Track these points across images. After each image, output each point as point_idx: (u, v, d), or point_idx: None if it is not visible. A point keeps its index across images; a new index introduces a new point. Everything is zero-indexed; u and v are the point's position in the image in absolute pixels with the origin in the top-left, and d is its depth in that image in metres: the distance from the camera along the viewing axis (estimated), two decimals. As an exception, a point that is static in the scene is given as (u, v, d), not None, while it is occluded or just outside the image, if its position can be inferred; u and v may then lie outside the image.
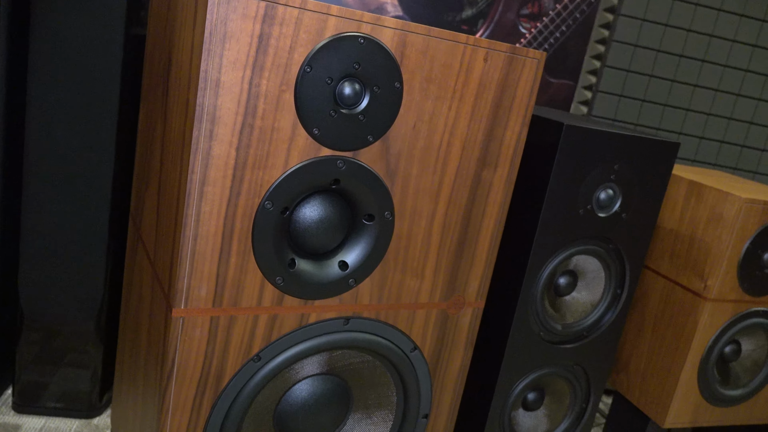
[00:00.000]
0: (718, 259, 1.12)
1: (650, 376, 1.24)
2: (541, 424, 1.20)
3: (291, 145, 0.78)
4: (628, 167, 1.05)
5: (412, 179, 0.88)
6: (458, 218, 0.94)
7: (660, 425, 1.22)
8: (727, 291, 1.15)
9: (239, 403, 0.86)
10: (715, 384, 1.22)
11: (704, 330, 1.16)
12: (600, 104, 1.83)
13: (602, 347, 1.16)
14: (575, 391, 1.19)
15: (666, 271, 1.22)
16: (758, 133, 1.96)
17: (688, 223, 1.18)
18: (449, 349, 1.01)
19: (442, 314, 0.98)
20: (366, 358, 0.96)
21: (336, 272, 0.88)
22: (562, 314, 1.13)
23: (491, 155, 0.93)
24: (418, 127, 0.86)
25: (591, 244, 1.09)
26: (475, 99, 0.89)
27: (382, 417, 1.01)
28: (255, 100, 0.75)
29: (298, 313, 0.87)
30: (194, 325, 0.80)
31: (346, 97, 0.79)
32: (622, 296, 1.14)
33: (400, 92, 0.83)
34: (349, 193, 0.85)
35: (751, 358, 1.25)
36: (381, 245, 0.89)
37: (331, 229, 0.86)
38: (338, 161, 0.82)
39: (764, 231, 1.13)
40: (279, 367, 0.87)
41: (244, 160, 0.76)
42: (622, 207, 1.07)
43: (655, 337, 1.23)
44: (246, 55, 0.73)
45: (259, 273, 0.82)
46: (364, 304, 0.91)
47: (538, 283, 1.07)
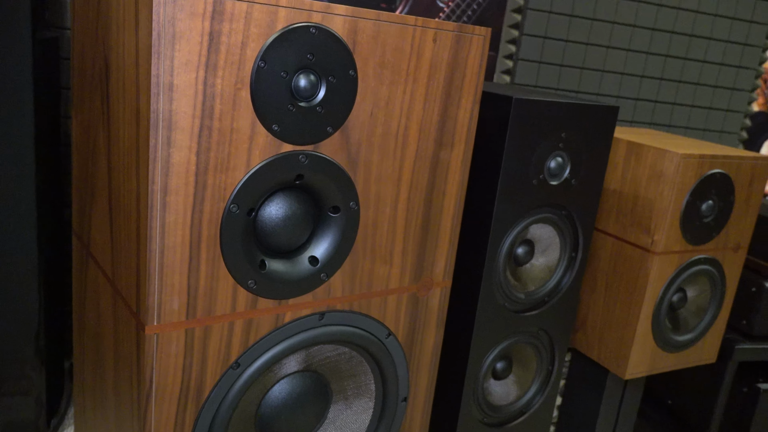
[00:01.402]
0: (661, 214, 1.18)
1: (607, 332, 1.30)
2: (512, 390, 1.23)
3: (251, 144, 0.76)
4: (574, 134, 1.08)
5: (373, 167, 0.87)
6: (420, 201, 0.94)
7: (621, 377, 1.28)
8: (672, 243, 1.21)
9: (222, 413, 0.84)
10: (667, 332, 1.29)
11: (654, 282, 1.21)
12: (521, 72, 1.87)
13: (563, 310, 1.20)
14: (541, 356, 1.22)
15: (614, 230, 1.27)
16: (686, 90, 2.05)
17: (630, 183, 1.23)
18: (422, 330, 1.02)
19: (413, 297, 0.99)
20: (342, 350, 0.96)
21: (307, 268, 0.86)
22: (524, 283, 1.16)
23: (447, 135, 0.93)
24: (376, 113, 0.85)
25: (546, 212, 1.12)
26: (428, 80, 0.88)
27: (362, 406, 1.01)
28: (211, 101, 0.72)
29: (273, 314, 0.85)
30: (169, 341, 0.77)
31: (303, 90, 0.77)
32: (577, 259, 1.18)
33: (355, 80, 0.81)
34: (314, 187, 0.84)
35: (696, 304, 1.33)
36: (349, 236, 0.88)
37: (298, 225, 0.85)
38: (300, 156, 0.80)
39: (701, 183, 1.19)
40: (259, 371, 0.86)
41: (205, 164, 0.73)
42: (571, 173, 1.10)
43: (609, 294, 1.29)
44: (198, 55, 0.70)
45: (230, 279, 0.79)
46: (337, 296, 0.90)
47: (499, 256, 1.09)
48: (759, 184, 1.28)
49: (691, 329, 1.33)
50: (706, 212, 1.22)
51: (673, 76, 2.01)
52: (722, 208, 1.24)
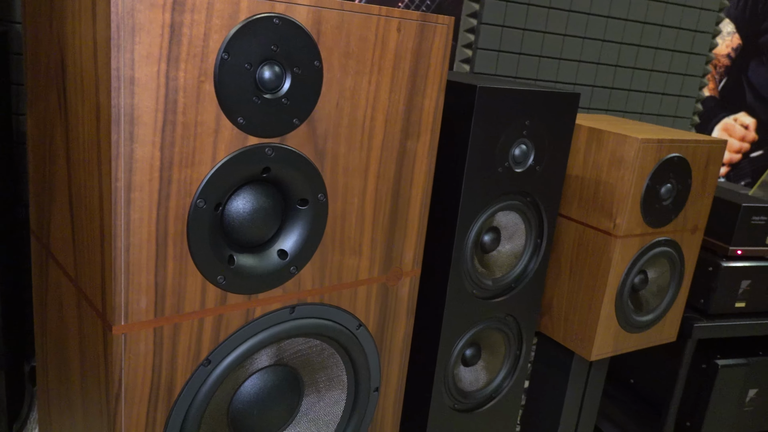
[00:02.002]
0: (622, 198, 1.20)
1: (572, 315, 1.32)
2: (481, 376, 1.25)
3: (217, 137, 0.75)
4: (537, 122, 1.09)
5: (340, 158, 0.87)
6: (388, 191, 0.94)
7: (587, 358, 1.31)
8: (633, 226, 1.23)
9: (194, 411, 0.83)
10: (630, 313, 1.32)
11: (617, 265, 1.24)
12: (480, 61, 1.88)
13: (529, 295, 1.22)
14: (509, 341, 1.24)
15: (577, 215, 1.29)
16: (640, 76, 2.09)
17: (592, 168, 1.25)
18: (392, 320, 1.02)
19: (383, 288, 0.99)
20: (314, 343, 0.95)
21: (276, 262, 0.85)
22: (491, 270, 1.17)
23: (413, 125, 0.93)
24: (341, 104, 0.84)
25: (511, 199, 1.13)
26: (393, 70, 0.88)
27: (334, 397, 1.01)
28: (174, 95, 0.70)
29: (243, 309, 0.84)
30: (138, 340, 0.76)
31: (268, 82, 0.76)
32: (542, 245, 1.20)
33: (320, 71, 0.81)
34: (281, 180, 0.83)
35: (657, 284, 1.37)
36: (317, 228, 0.88)
37: (267, 218, 0.84)
38: (266, 149, 0.79)
39: (660, 167, 1.22)
40: (230, 367, 0.85)
41: (170, 159, 0.72)
42: (535, 160, 1.12)
43: (573, 278, 1.31)
44: (159, 48, 0.68)
45: (199, 275, 0.78)
46: (308, 289, 0.90)
47: (467, 244, 1.10)
48: (714, 166, 1.31)
49: (653, 310, 1.37)
50: (665, 195, 1.25)
51: (628, 62, 2.05)
52: (680, 190, 1.28)
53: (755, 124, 2.44)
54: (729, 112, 2.38)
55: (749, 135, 2.46)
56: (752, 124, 2.44)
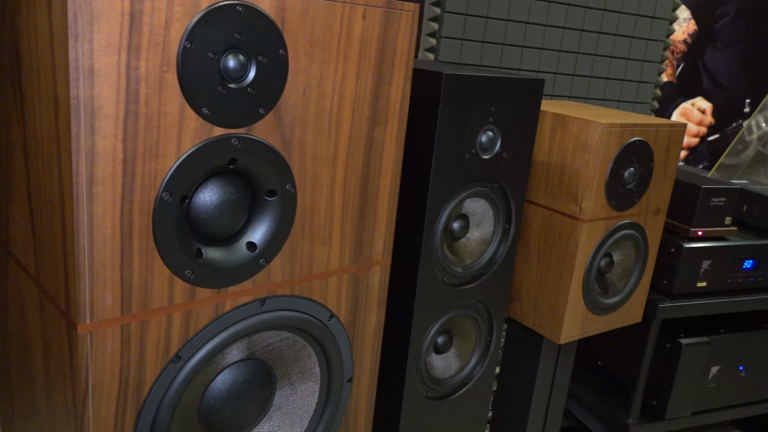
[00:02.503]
0: (588, 182, 1.22)
1: (541, 299, 1.34)
2: (453, 363, 1.25)
3: (181, 129, 0.73)
4: (503, 108, 1.10)
5: (308, 148, 0.86)
6: (357, 181, 0.93)
7: (556, 342, 1.33)
8: (598, 210, 1.25)
9: (164, 408, 0.81)
10: (597, 296, 1.34)
11: (583, 249, 1.26)
12: (444, 49, 1.88)
13: (499, 281, 1.23)
14: (479, 327, 1.25)
15: (543, 200, 1.30)
16: (601, 63, 2.11)
17: (557, 154, 1.27)
18: (364, 310, 1.02)
19: (353, 278, 0.98)
20: (285, 336, 0.94)
21: (245, 255, 0.84)
22: (461, 257, 1.18)
23: (380, 113, 0.93)
24: (308, 93, 0.83)
25: (479, 186, 1.13)
26: (359, 58, 0.87)
27: (307, 390, 1.00)
28: (136, 85, 0.68)
29: (212, 303, 0.82)
30: (104, 339, 0.74)
31: (232, 71, 0.75)
32: (511, 230, 1.21)
33: (285, 59, 0.79)
34: (248, 171, 0.82)
35: (622, 267, 1.39)
36: (286, 219, 0.87)
37: (234, 211, 0.82)
38: (232, 139, 0.77)
39: (623, 151, 1.24)
40: (200, 363, 0.83)
41: (133, 152, 0.70)
42: (502, 147, 1.12)
43: (541, 262, 1.32)
44: (119, 37, 0.66)
45: (166, 270, 0.76)
46: (278, 281, 0.89)
47: (436, 232, 1.10)
48: (675, 149, 1.34)
49: (619, 292, 1.39)
50: (629, 179, 1.27)
51: (589, 50, 2.08)
52: (643, 174, 1.30)
53: (711, 108, 2.50)
54: (686, 97, 2.44)
55: (706, 119, 2.51)
56: (709, 108, 2.50)
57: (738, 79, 2.50)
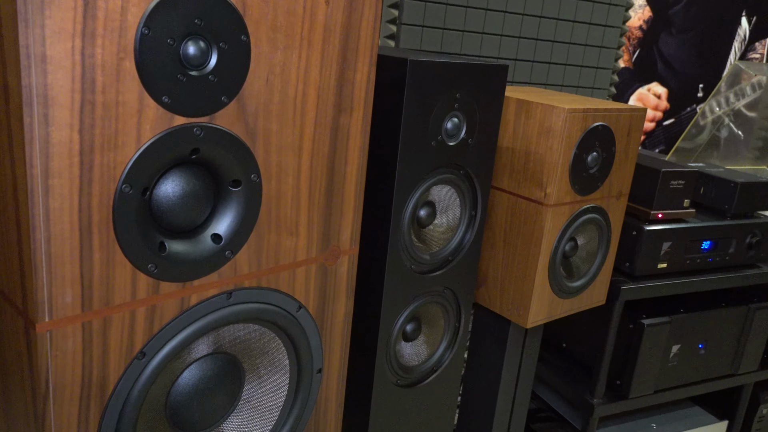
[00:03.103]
0: (552, 167, 1.23)
1: (508, 285, 1.35)
2: (422, 350, 1.25)
3: (140, 118, 0.70)
4: (468, 94, 1.09)
5: (273, 136, 0.84)
6: (323, 169, 0.92)
7: (523, 326, 1.34)
8: (562, 195, 1.26)
9: (129, 407, 0.79)
10: (562, 279, 1.35)
11: (549, 234, 1.27)
12: (405, 36, 1.87)
13: (466, 267, 1.23)
14: (448, 314, 1.25)
15: (508, 186, 1.31)
16: (559, 49, 2.13)
17: (521, 139, 1.27)
18: (332, 300, 1.01)
19: (321, 268, 0.97)
20: (253, 328, 0.93)
21: (210, 247, 0.82)
22: (428, 244, 1.17)
23: (346, 100, 0.91)
24: (272, 80, 0.81)
25: (445, 173, 1.13)
26: (323, 44, 0.86)
27: (276, 382, 0.99)
28: (92, 73, 0.65)
29: (177, 298, 0.80)
30: (65, 337, 0.71)
31: (193, 58, 0.72)
32: (477, 217, 1.21)
33: (247, 46, 0.77)
34: (211, 161, 0.79)
35: (586, 250, 1.41)
36: (252, 210, 0.85)
37: (198, 202, 0.80)
38: (194, 128, 0.75)
39: (586, 136, 1.25)
40: (166, 359, 0.81)
41: (90, 142, 0.67)
42: (467, 133, 1.12)
43: (508, 248, 1.33)
44: (72, 22, 0.63)
45: (128, 264, 0.74)
46: (244, 273, 0.87)
47: (403, 220, 1.09)
48: (636, 134, 1.36)
49: (583, 275, 1.41)
50: (591, 163, 1.29)
51: (548, 36, 2.09)
52: (605, 158, 1.31)
53: (666, 93, 2.55)
54: (643, 83, 2.47)
55: (662, 104, 2.56)
56: (664, 93, 2.54)
57: (691, 64, 2.55)
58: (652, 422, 1.85)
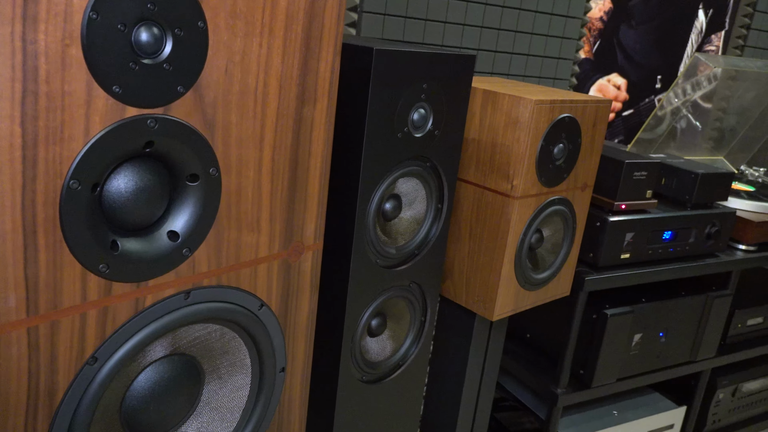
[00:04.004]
0: (519, 159, 1.21)
1: (474, 277, 1.33)
2: (388, 346, 1.23)
3: (89, 109, 0.66)
4: (435, 85, 1.07)
5: (232, 128, 0.80)
6: (286, 162, 0.88)
7: (489, 319, 1.33)
8: (529, 187, 1.25)
9: (81, 414, 0.75)
10: (528, 271, 1.35)
11: (515, 226, 1.26)
12: (366, 25, 1.83)
13: (432, 261, 1.21)
14: (413, 308, 1.23)
15: (475, 178, 1.29)
16: (522, 39, 2.11)
17: (488, 131, 1.25)
18: (296, 297, 0.98)
19: (284, 264, 0.94)
20: (213, 328, 0.89)
21: (166, 244, 0.78)
22: (394, 238, 1.15)
23: (309, 90, 0.88)
24: (231, 69, 0.77)
25: (412, 165, 1.10)
26: (285, 32, 0.82)
27: (238, 382, 0.96)
28: (34, 61, 0.61)
29: (131, 299, 0.76)
30: (8, 344, 0.66)
31: (146, 45, 0.68)
32: (443, 210, 1.19)
33: (205, 33, 0.73)
34: (167, 155, 0.75)
35: (551, 242, 1.40)
36: (211, 206, 0.81)
37: (153, 198, 0.76)
38: (148, 120, 0.71)
39: (553, 127, 1.24)
40: (120, 363, 0.77)
41: (33, 136, 0.62)
42: (434, 125, 1.09)
43: (474, 240, 1.32)
44: (11, 6, 0.58)
45: (77, 265, 0.70)
46: (203, 272, 0.83)
47: (369, 213, 1.06)
48: (601, 125, 1.35)
49: (549, 266, 1.41)
50: (558, 155, 1.28)
51: (510, 26, 2.08)
52: (571, 150, 1.31)
53: (626, 84, 2.57)
54: (603, 73, 2.49)
55: (621, 95, 2.58)
56: (623, 84, 2.56)
57: (650, 55, 2.57)
58: (614, 410, 1.87)
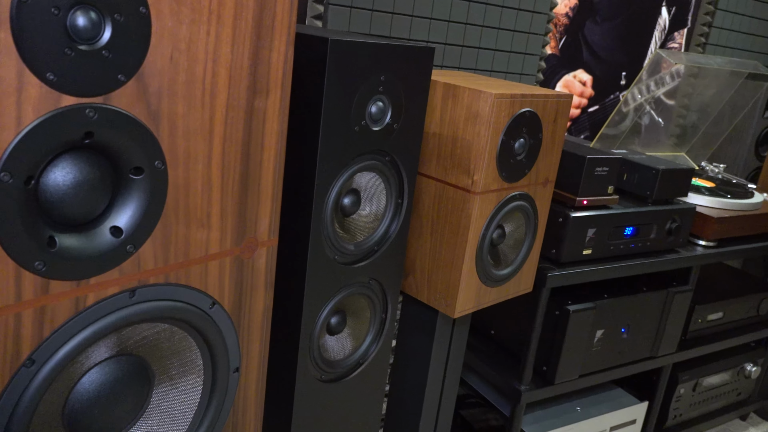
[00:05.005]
0: (479, 154, 1.20)
1: (435, 274, 1.32)
2: (347, 344, 1.21)
3: (21, 97, 0.62)
4: (393, 77, 1.05)
5: (179, 119, 0.77)
6: (237, 155, 0.85)
7: (450, 316, 1.31)
8: (490, 182, 1.24)
9: (18, 419, 0.71)
10: (489, 268, 1.33)
11: (476, 221, 1.24)
12: (333, 17, 1.81)
13: (392, 257, 1.19)
14: (374, 305, 1.21)
15: (435, 173, 1.27)
16: (489, 34, 2.11)
17: (448, 125, 1.24)
18: (250, 295, 0.95)
19: (237, 261, 0.91)
20: (162, 327, 0.86)
21: (109, 241, 0.75)
22: (352, 234, 1.13)
23: (261, 81, 0.85)
24: (176, 58, 0.74)
25: (370, 159, 1.08)
26: (235, 19, 0.79)
27: (190, 383, 0.93)
28: (-43, 45, 0.57)
29: (71, 297, 0.73)
30: (-66, 346, 0.63)
31: (82, 30, 0.65)
32: (403, 205, 1.17)
33: (147, 18, 0.70)
34: (108, 146, 0.72)
35: (513, 238, 1.39)
36: (157, 200, 0.78)
37: (93, 192, 0.72)
38: (87, 110, 0.67)
39: (513, 122, 1.23)
40: (60, 365, 0.73)
41: (-42, 125, 0.59)
42: (393, 118, 1.07)
43: (435, 236, 1.30)
44: (-70, -16, 0.54)
45: (10, 262, 0.66)
46: (149, 269, 0.80)
47: (326, 209, 1.04)
48: (562, 120, 1.35)
49: (511, 263, 1.40)
50: (519, 150, 1.27)
51: (477, 20, 2.07)
52: (532, 145, 1.30)
53: (591, 80, 2.58)
54: (568, 69, 2.49)
55: (587, 91, 2.59)
56: (589, 80, 2.57)
57: (615, 52, 2.59)
58: (577, 406, 1.88)
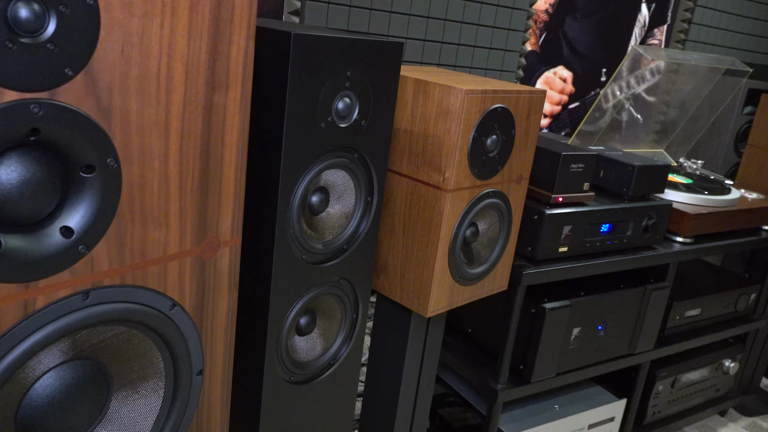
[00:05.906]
0: (451, 151, 1.18)
1: (408, 273, 1.30)
2: (318, 344, 1.19)
3: (-43, 92, 0.60)
4: (360, 73, 1.02)
5: (132, 116, 0.74)
6: (196, 153, 0.83)
7: (423, 315, 1.30)
8: (462, 180, 1.22)
9: (-37, 428, 0.69)
10: (462, 266, 1.32)
11: (449, 219, 1.23)
12: (310, 13, 1.78)
13: (363, 256, 1.17)
14: (344, 305, 1.19)
15: (407, 170, 1.25)
16: (468, 30, 2.09)
17: (419, 121, 1.22)
18: (212, 296, 0.93)
19: (198, 261, 0.89)
20: (119, 330, 0.83)
21: (59, 241, 0.72)
22: (321, 233, 1.11)
23: (220, 76, 0.83)
24: (128, 51, 0.72)
25: (337, 156, 1.06)
26: (190, 12, 0.76)
27: (151, 387, 0.90)
28: None
29: (19, 301, 0.70)
30: None
31: (25, 22, 0.62)
32: (373, 203, 1.15)
33: (95, 10, 0.67)
34: (56, 144, 0.69)
35: (487, 236, 1.38)
36: (110, 199, 0.75)
37: (41, 191, 0.70)
38: (31, 106, 0.65)
39: (485, 118, 1.21)
40: (8, 372, 0.71)
41: None
42: (360, 114, 1.05)
43: (407, 235, 1.28)
44: None
45: (-50, 265, 0.63)
46: (104, 270, 0.77)
47: (292, 207, 1.02)
48: (536, 116, 1.33)
49: (484, 261, 1.39)
50: (491, 147, 1.25)
51: (456, 17, 2.06)
52: (505, 141, 1.28)
53: (572, 77, 2.58)
54: (549, 66, 2.49)
55: (567, 87, 2.59)
56: (569, 77, 2.57)
57: (595, 48, 2.59)
58: (555, 404, 1.87)
